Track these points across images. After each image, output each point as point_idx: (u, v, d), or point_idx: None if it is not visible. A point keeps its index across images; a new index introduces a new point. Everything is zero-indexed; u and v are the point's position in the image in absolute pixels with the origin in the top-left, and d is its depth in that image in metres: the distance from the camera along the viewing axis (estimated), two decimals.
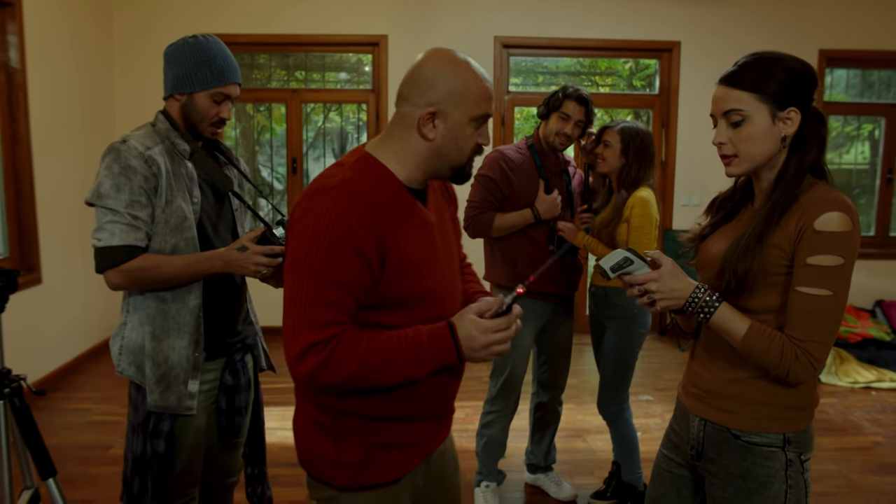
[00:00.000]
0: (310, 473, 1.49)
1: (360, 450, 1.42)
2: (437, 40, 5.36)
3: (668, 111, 5.58)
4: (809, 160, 1.41)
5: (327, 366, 1.27)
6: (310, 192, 1.32)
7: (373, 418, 1.42)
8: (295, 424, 1.51)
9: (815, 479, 3.21)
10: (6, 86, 4.03)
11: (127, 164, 1.72)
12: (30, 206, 4.16)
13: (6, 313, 3.77)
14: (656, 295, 1.41)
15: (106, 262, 1.73)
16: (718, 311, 1.39)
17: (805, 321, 1.34)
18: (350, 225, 1.25)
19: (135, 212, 1.73)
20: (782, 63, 1.38)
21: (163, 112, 1.86)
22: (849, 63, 5.73)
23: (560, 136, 2.66)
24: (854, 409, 4.13)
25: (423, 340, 1.31)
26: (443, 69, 1.33)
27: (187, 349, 1.83)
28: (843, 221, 1.32)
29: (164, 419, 1.82)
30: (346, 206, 1.26)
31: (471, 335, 1.31)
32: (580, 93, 2.62)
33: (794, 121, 1.39)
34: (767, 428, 1.44)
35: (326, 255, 1.25)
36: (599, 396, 2.86)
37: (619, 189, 2.71)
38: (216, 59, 1.81)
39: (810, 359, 1.34)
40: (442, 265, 1.45)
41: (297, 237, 1.29)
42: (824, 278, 1.32)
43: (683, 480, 1.62)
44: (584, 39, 5.46)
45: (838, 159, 6.11)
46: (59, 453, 3.35)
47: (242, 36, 5.29)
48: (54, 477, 1.84)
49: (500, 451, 2.89)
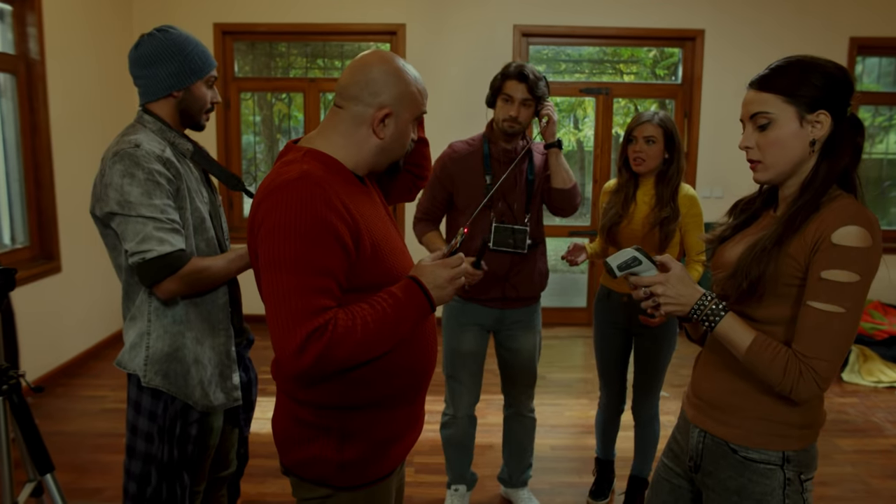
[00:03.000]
0: (301, 477, 1.48)
1: (365, 448, 1.44)
2: (455, 29, 5.30)
3: (691, 101, 5.45)
4: (840, 168, 1.34)
5: (330, 350, 1.27)
6: (271, 188, 1.32)
7: (379, 405, 1.44)
8: (282, 431, 1.50)
9: (831, 482, 3.14)
10: (26, 77, 4.08)
11: (150, 168, 1.65)
12: (49, 196, 4.22)
13: (27, 302, 3.87)
14: (662, 299, 1.38)
15: (164, 271, 1.64)
16: (724, 321, 1.35)
17: (814, 337, 1.28)
18: (322, 211, 1.28)
19: (171, 216, 1.68)
20: (816, 67, 1.33)
21: (147, 113, 1.80)
22: (881, 51, 5.53)
23: (507, 120, 2.43)
24: (876, 410, 4.02)
25: (400, 297, 1.37)
26: (391, 73, 1.41)
27: (226, 345, 1.85)
28: (862, 236, 1.26)
29: (191, 424, 1.81)
30: (315, 194, 1.28)
31: (434, 275, 1.41)
32: (521, 69, 2.39)
33: (823, 124, 1.33)
34: (766, 444, 1.40)
35: (306, 244, 1.27)
36: (636, 401, 2.83)
37: (661, 185, 2.57)
38: (198, 46, 1.80)
39: (815, 377, 1.28)
40: (400, 247, 1.52)
41: (270, 234, 1.28)
42: (838, 294, 1.26)
43: (682, 491, 1.59)
44: (604, 28, 5.35)
45: (870, 149, 5.94)
46: (73, 441, 3.43)
47: (262, 25, 5.29)
48: (52, 473, 1.85)
49: (466, 453, 2.80)
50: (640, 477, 2.90)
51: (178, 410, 1.79)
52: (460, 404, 2.70)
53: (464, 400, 2.69)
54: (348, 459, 1.43)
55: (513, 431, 2.84)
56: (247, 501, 2.88)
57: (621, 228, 2.63)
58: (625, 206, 2.62)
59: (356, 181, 1.44)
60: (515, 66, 2.42)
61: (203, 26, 5.27)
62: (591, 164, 5.74)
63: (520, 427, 2.82)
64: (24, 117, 4.08)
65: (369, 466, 1.46)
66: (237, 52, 5.59)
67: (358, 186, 1.43)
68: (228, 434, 2.04)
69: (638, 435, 2.89)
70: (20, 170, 4.11)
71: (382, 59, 1.42)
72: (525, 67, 2.40)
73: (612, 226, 2.63)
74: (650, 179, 2.62)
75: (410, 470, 3.16)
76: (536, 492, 3.02)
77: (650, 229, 2.57)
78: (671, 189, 2.58)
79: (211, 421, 1.88)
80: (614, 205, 2.65)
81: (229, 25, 5.32)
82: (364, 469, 1.45)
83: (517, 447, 2.85)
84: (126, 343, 1.80)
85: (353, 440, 1.43)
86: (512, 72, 2.41)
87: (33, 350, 3.98)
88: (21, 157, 4.09)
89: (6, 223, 4.12)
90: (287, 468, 1.50)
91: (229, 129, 5.50)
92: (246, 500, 2.88)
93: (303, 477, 1.47)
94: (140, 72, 1.78)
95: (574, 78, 7.64)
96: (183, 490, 1.82)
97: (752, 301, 1.38)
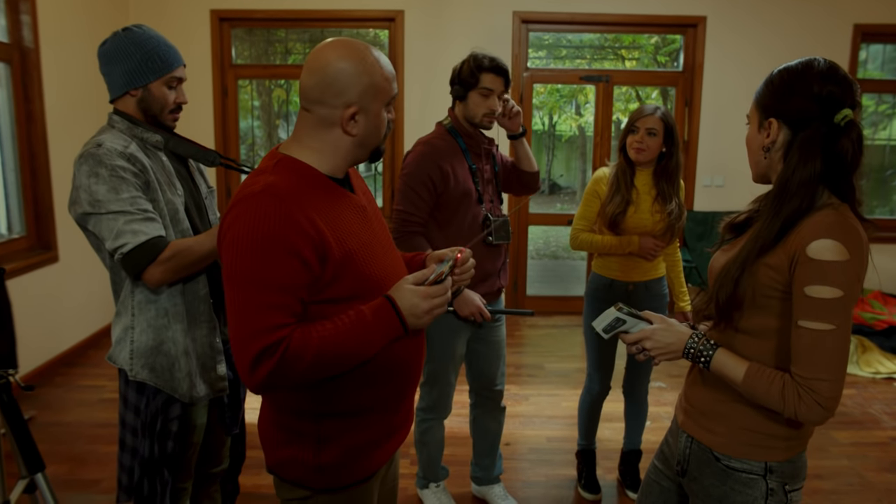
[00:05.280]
0: (281, 478, 1.48)
1: (341, 452, 1.43)
2: (454, 15, 5.25)
3: (692, 89, 5.40)
4: (807, 176, 1.29)
5: (282, 368, 1.26)
6: (236, 200, 1.31)
7: (354, 414, 1.42)
8: (264, 431, 1.50)
9: (826, 475, 3.14)
10: (20, 66, 4.05)
11: (112, 164, 1.68)
12: (45, 185, 4.20)
13: (24, 292, 3.87)
14: (652, 351, 1.43)
15: (144, 260, 1.66)
16: (715, 358, 1.36)
17: (809, 358, 1.25)
18: (278, 227, 1.25)
19: (142, 206, 1.70)
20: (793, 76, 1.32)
21: (116, 112, 1.81)
22: (885, 38, 5.47)
23: (487, 115, 2.38)
24: (874, 402, 4.02)
25: (368, 320, 1.33)
26: (350, 67, 1.33)
27: (209, 336, 1.87)
28: (837, 250, 1.23)
29: (172, 420, 1.83)
30: (272, 210, 1.26)
31: (412, 303, 1.36)
32: (496, 62, 2.33)
33: (772, 132, 1.34)
34: (748, 454, 1.39)
35: (261, 261, 1.25)
36: (630, 380, 2.92)
37: (660, 178, 2.67)
38: (160, 46, 1.78)
39: (817, 398, 1.24)
40: (385, 249, 1.48)
41: (229, 247, 1.28)
42: (825, 312, 1.24)
43: (670, 494, 1.59)
44: (605, 14, 5.29)
45: (873, 136, 5.89)
46: (71, 431, 3.45)
47: (259, 11, 5.25)
48: (42, 472, 1.86)
49: (441, 448, 2.77)
50: (634, 449, 2.99)
51: (158, 406, 1.80)
52: (446, 406, 2.67)
53: (448, 402, 2.66)
54: (325, 463, 1.43)
55: (487, 429, 2.78)
56: (242, 493, 2.89)
57: (628, 217, 2.64)
58: (628, 191, 2.65)
59: (334, 186, 1.40)
60: (490, 58, 2.34)
61: (200, 13, 5.22)
62: (592, 152, 5.70)
63: (494, 422, 2.77)
64: (18, 106, 4.05)
65: (347, 470, 1.45)
66: (235, 38, 5.54)
67: (335, 192, 1.40)
68: (218, 431, 2.05)
69: (629, 412, 2.97)
70: (16, 159, 4.09)
71: (339, 53, 1.34)
72: (498, 59, 2.35)
73: (619, 213, 2.64)
74: (647, 170, 2.68)
75: (406, 462, 3.17)
76: (531, 484, 3.03)
77: (659, 223, 2.66)
78: (674, 184, 2.66)
79: (193, 417, 1.89)
80: (618, 190, 2.66)
81: (226, 12, 5.27)
82: (341, 473, 1.45)
83: (491, 442, 2.80)
84: (113, 338, 1.84)
85: (328, 444, 1.42)
86: (489, 65, 2.33)
87: (31, 340, 3.99)
88: (16, 147, 4.07)
89: (2, 213, 4.11)
90: (269, 468, 1.51)
91: (227, 117, 5.47)
92: (241, 492, 2.89)
93: (283, 478, 1.48)
94: (102, 69, 1.81)
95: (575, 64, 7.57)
96: (164, 486, 1.83)
97: (733, 315, 1.38)
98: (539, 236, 11.32)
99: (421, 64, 5.31)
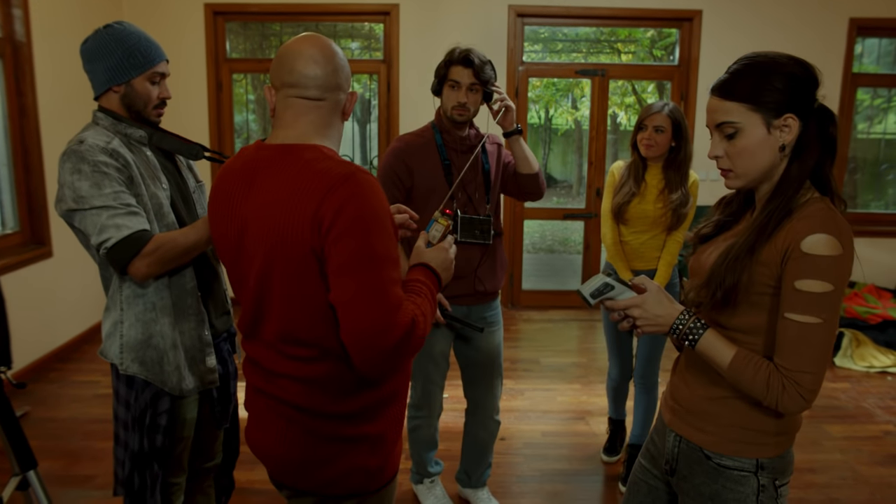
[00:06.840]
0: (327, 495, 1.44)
1: (390, 442, 1.47)
2: (449, 9, 5.23)
3: (688, 83, 5.40)
4: (810, 165, 1.31)
5: (412, 346, 1.29)
6: (343, 177, 1.26)
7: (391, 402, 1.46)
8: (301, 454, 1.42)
9: (819, 469, 3.16)
10: (12, 60, 4.02)
11: (95, 160, 1.69)
12: (39, 180, 4.18)
13: (18, 287, 3.85)
14: (639, 321, 1.37)
15: (128, 253, 1.66)
16: (703, 339, 1.33)
17: (794, 350, 1.26)
18: (387, 204, 1.33)
19: (126, 200, 1.70)
20: (776, 68, 1.29)
21: (100, 109, 1.82)
22: (881, 32, 5.44)
23: (456, 108, 2.36)
24: (867, 396, 4.03)
25: (427, 282, 1.45)
26: (339, 54, 1.41)
27: (197, 329, 1.87)
28: (831, 245, 1.23)
29: (161, 414, 1.83)
30: (378, 188, 1.31)
31: (442, 260, 1.52)
32: (466, 54, 2.33)
33: (792, 128, 1.29)
34: (739, 452, 1.39)
35: (387, 237, 1.29)
36: (640, 368, 2.98)
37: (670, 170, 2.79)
38: (141, 42, 1.79)
39: (799, 390, 1.26)
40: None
41: (360, 228, 1.24)
42: (814, 305, 1.24)
43: (658, 493, 1.59)
44: (600, 8, 5.27)
45: (868, 129, 5.90)
46: (66, 427, 3.44)
47: (253, 5, 5.22)
48: (35, 469, 1.85)
49: (433, 446, 2.76)
50: (640, 444, 3.01)
51: (147, 401, 1.81)
52: (436, 404, 2.66)
53: (438, 399, 2.66)
54: (382, 460, 1.45)
55: (476, 436, 2.74)
56: (236, 488, 2.89)
57: (632, 207, 2.81)
58: (636, 184, 2.81)
59: None
60: (460, 51, 2.36)
61: (194, 7, 5.20)
62: (587, 146, 5.69)
63: (485, 432, 2.72)
64: (11, 101, 4.03)
65: (394, 458, 1.50)
66: (230, 32, 5.52)
67: None
68: (210, 426, 2.05)
69: (639, 403, 3.02)
70: (8, 154, 4.07)
71: (324, 43, 1.39)
72: (471, 52, 2.34)
73: (624, 204, 2.81)
74: (658, 164, 2.83)
75: (402, 456, 3.17)
76: (525, 479, 3.04)
77: (662, 213, 2.79)
78: (681, 174, 2.79)
79: (183, 412, 1.89)
80: (627, 181, 2.84)
81: (220, 6, 5.24)
82: (392, 464, 1.50)
83: (480, 451, 2.77)
84: (103, 333, 1.85)
85: (382, 441, 1.45)
86: (457, 57, 2.35)
87: (25, 336, 3.98)
88: (9, 142, 4.05)
89: None
90: (304, 491, 1.45)
91: (222, 111, 5.44)
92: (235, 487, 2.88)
93: (331, 494, 1.44)
94: (85, 66, 1.82)
95: (571, 58, 7.55)
96: (153, 479, 1.84)
97: (725, 310, 1.37)
98: (535, 230, 11.31)
99: (416, 58, 5.29)
